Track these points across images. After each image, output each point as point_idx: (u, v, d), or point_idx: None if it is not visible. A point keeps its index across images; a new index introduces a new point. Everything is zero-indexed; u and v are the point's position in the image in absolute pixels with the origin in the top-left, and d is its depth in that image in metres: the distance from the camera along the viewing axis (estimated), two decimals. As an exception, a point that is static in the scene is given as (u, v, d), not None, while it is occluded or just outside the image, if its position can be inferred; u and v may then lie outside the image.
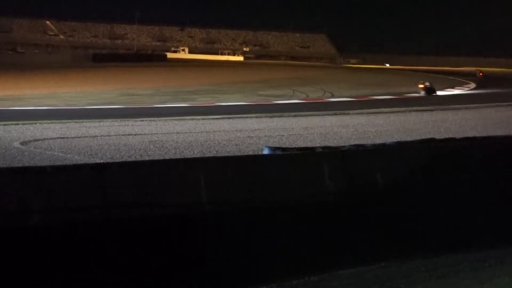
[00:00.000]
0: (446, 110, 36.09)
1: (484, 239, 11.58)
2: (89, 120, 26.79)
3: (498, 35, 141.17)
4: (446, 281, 9.29)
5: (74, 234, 9.70)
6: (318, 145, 12.94)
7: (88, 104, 34.44)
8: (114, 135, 22.42)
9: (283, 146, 12.34)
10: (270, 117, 29.80)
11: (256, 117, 29.69)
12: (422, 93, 48.00)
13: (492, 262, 10.19)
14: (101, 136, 22.09)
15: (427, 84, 49.88)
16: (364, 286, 9.82)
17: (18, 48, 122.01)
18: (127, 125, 25.69)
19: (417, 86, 50.00)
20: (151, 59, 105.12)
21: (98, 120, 26.95)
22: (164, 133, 22.96)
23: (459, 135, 14.27)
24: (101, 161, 11.06)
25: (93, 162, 10.51)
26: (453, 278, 9.46)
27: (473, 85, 64.33)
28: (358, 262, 10.72)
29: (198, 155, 17.67)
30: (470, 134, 15.19)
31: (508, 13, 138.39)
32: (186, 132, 23.51)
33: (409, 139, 13.46)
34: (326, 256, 10.70)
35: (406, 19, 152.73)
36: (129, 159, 16.12)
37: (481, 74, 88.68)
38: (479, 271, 9.74)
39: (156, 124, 25.90)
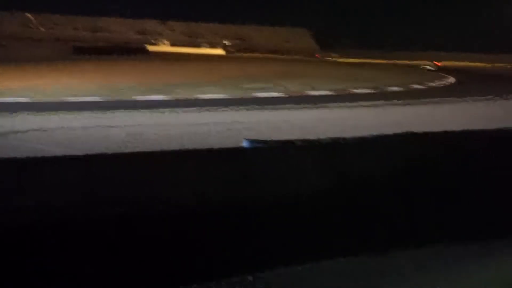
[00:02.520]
0: (425, 104, 36.25)
1: (467, 232, 11.67)
2: (69, 112, 26.67)
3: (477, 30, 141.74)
4: (426, 274, 9.37)
5: (54, 229, 9.64)
6: (298, 138, 12.87)
7: (69, 97, 34.30)
8: (94, 127, 22.36)
9: (263, 139, 12.31)
10: (251, 110, 29.80)
11: (237, 110, 29.67)
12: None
13: (472, 255, 10.28)
14: (81, 128, 22.02)
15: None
16: (349, 277, 9.90)
17: (1, 42, 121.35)
18: (107, 117, 25.61)
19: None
20: (132, 52, 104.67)
21: (78, 112, 26.85)
22: (143, 126, 22.91)
23: (438, 129, 14.26)
24: (81, 154, 11.00)
25: (73, 154, 10.44)
26: (433, 272, 9.53)
27: (453, 79, 64.58)
28: (344, 255, 10.80)
29: (177, 148, 17.65)
30: (449, 128, 15.19)
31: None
32: (166, 125, 23.46)
33: (388, 132, 13.42)
34: (309, 248, 10.74)
35: (390, 13, 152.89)
36: (108, 152, 16.07)
37: (439, 64, 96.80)
38: (458, 264, 9.83)
39: (135, 117, 25.84)
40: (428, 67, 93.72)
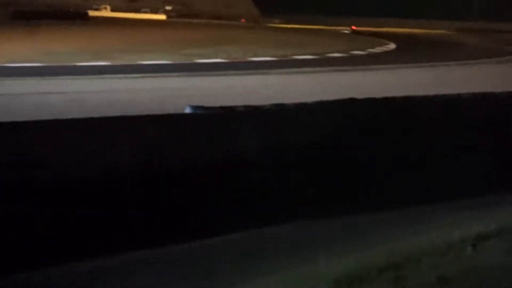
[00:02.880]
0: (367, 71, 36.54)
1: (401, 198, 11.86)
2: (10, 78, 26.34)
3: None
4: (364, 239, 9.50)
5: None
6: (240, 104, 12.91)
7: (8, 62, 33.81)
8: (35, 93, 22.15)
9: (206, 105, 12.33)
10: (193, 76, 29.75)
11: (179, 76, 29.59)
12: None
13: (409, 220, 10.46)
14: (22, 94, 21.81)
15: None
16: (285, 243, 9.98)
17: None
18: (48, 83, 25.34)
19: None
20: (72, 17, 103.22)
21: (19, 78, 26.52)
22: (86, 92, 22.76)
23: (379, 95, 14.43)
24: (20, 120, 10.92)
25: (12, 120, 10.35)
26: (370, 237, 9.68)
27: (393, 45, 65.13)
28: (278, 222, 10.88)
29: (119, 114, 17.58)
30: (390, 94, 15.37)
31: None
32: (108, 91, 23.33)
33: (330, 98, 13.54)
34: (245, 214, 10.84)
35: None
36: (50, 118, 15.96)
37: (353, 27, 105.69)
38: (396, 229, 9.99)
39: (77, 83, 25.63)
40: (345, 31, 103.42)
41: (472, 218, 8.96)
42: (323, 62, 41.00)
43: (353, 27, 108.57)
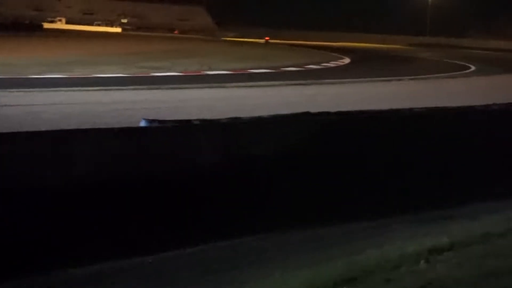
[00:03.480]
0: (322, 85, 36.72)
1: (356, 212, 11.93)
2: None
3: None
4: (320, 252, 9.52)
5: None
6: (195, 117, 12.94)
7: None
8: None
9: (161, 118, 12.33)
10: (148, 89, 29.67)
11: (134, 89, 29.50)
12: None
13: (362, 235, 10.52)
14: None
15: None
16: (241, 257, 9.99)
17: None
18: (2, 95, 25.13)
19: None
20: (27, 29, 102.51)
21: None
22: (41, 104, 22.58)
23: (334, 109, 14.53)
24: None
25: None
26: (326, 250, 9.71)
27: (348, 60, 65.56)
28: (234, 234, 10.89)
29: (74, 127, 17.49)
30: (345, 108, 15.50)
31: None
32: (63, 104, 23.19)
33: (285, 112, 13.61)
34: (201, 227, 10.85)
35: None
36: (4, 131, 15.84)
37: (267, 38, 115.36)
38: (351, 242, 10.04)
39: (33, 95, 25.41)
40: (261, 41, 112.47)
41: (425, 231, 9.05)
42: (279, 76, 41.14)
43: (267, 38, 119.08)
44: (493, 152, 14.44)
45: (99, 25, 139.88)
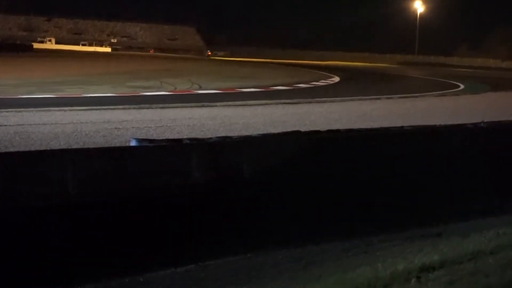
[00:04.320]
0: (311, 103, 36.76)
1: (347, 229, 11.95)
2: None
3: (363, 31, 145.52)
4: (311, 270, 9.52)
5: None
6: (185, 136, 12.96)
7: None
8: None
9: (151, 137, 12.32)
10: (138, 108, 29.61)
11: (124, 108, 29.44)
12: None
13: (353, 252, 10.51)
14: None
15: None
16: (232, 276, 9.98)
17: None
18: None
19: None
20: (16, 49, 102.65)
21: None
22: (30, 124, 22.51)
23: (324, 127, 14.58)
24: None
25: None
26: (318, 268, 9.70)
27: (337, 78, 65.70)
28: (225, 253, 10.88)
29: (64, 147, 17.47)
30: (335, 126, 15.54)
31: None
32: (53, 124, 23.12)
33: (275, 131, 13.65)
34: (192, 246, 10.84)
35: (273, 14, 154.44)
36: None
37: (210, 53, 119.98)
38: (343, 260, 10.03)
39: (22, 115, 25.33)
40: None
41: (416, 249, 9.06)
42: (268, 95, 41.21)
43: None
44: (482, 169, 14.52)
45: (84, 45, 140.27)
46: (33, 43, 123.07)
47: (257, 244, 11.10)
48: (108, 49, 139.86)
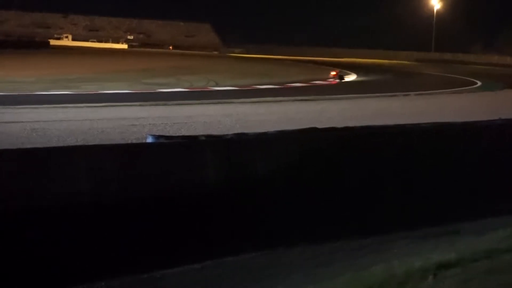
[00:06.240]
0: (328, 100, 36.69)
1: (362, 227, 11.91)
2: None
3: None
4: (325, 269, 9.51)
5: None
6: (201, 133, 12.96)
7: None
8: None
9: (167, 134, 12.33)
10: (154, 105, 29.67)
11: (140, 105, 29.50)
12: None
13: (367, 250, 10.48)
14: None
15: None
16: (246, 273, 9.97)
17: None
18: (8, 112, 25.19)
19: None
20: (33, 46, 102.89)
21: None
22: (47, 121, 22.58)
23: (340, 124, 14.54)
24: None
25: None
26: (330, 266, 9.69)
27: (354, 75, 65.61)
28: (239, 250, 10.86)
29: (81, 143, 17.52)
30: (351, 124, 15.50)
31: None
32: (69, 120, 23.20)
33: (291, 128, 13.62)
34: (206, 243, 10.83)
35: (289, 10, 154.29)
36: (10, 147, 15.87)
37: (171, 47, 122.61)
38: (357, 258, 10.01)
39: (39, 112, 25.43)
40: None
41: (431, 247, 9.03)
42: (284, 92, 41.19)
43: (170, 47, 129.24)
44: (498, 167, 14.43)
45: (107, 41, 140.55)
46: (49, 40, 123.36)
47: (270, 242, 11.07)
48: (125, 46, 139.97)
